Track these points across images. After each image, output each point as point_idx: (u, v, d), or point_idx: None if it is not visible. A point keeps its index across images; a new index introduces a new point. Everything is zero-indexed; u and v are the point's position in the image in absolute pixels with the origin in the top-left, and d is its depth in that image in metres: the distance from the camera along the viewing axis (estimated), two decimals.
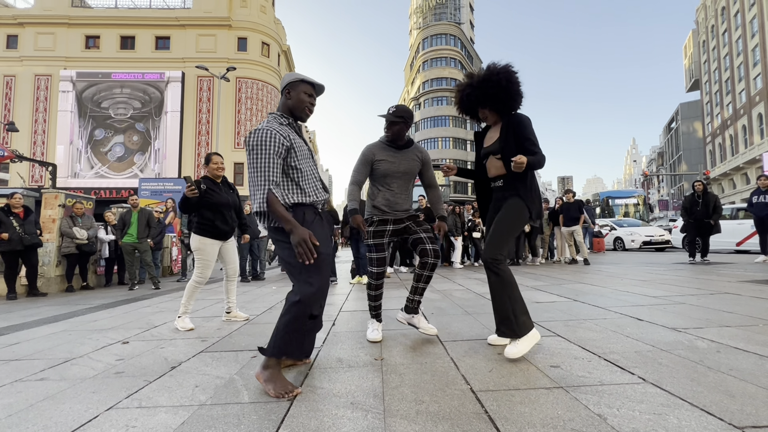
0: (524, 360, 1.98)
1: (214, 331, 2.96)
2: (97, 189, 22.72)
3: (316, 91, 1.93)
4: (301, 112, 1.88)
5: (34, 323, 3.59)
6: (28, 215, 5.91)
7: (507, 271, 2.09)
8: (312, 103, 1.91)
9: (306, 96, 1.88)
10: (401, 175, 2.45)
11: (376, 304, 2.57)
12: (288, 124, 1.86)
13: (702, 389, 1.52)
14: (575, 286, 4.68)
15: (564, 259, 8.99)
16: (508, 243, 2.13)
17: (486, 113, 2.30)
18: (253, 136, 1.71)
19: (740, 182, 36.13)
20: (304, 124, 2.06)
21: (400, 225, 2.49)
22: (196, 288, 3.16)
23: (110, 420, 1.47)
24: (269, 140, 1.70)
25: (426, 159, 2.54)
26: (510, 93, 2.18)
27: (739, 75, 36.59)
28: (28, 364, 2.26)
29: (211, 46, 25.05)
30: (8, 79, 24.34)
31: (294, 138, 1.81)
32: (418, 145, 2.56)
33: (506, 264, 2.12)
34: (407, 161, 2.45)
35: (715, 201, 7.35)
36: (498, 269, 2.07)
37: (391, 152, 2.45)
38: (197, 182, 3.16)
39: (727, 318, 2.72)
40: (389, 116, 2.38)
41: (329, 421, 1.39)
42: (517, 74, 2.20)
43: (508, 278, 2.07)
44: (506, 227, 2.13)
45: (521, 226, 2.17)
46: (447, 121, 46.73)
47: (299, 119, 1.91)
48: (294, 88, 1.86)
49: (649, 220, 24.17)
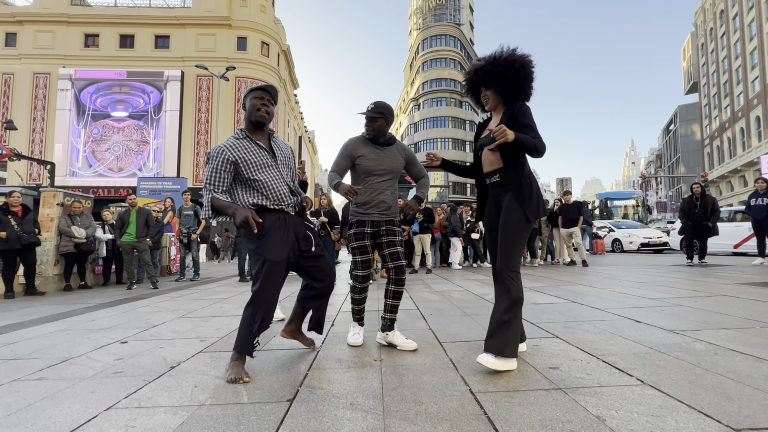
0: (523, 361, 1.99)
1: (213, 331, 2.95)
2: (96, 188, 22.67)
3: (268, 93, 2.07)
4: (255, 117, 2.04)
5: (32, 322, 3.58)
6: (26, 214, 5.89)
7: (520, 288, 1.96)
8: (263, 103, 2.04)
9: (256, 100, 2.04)
10: (384, 172, 2.37)
11: (359, 308, 2.50)
12: (245, 137, 2.04)
13: (700, 391, 1.53)
14: (574, 288, 4.69)
15: (562, 261, 9.01)
16: (520, 251, 2.00)
17: (488, 95, 2.14)
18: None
19: (738, 185, 36.28)
20: (273, 130, 2.23)
21: (375, 228, 2.40)
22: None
23: (109, 420, 1.47)
24: (216, 156, 1.96)
25: (410, 156, 2.48)
26: (519, 78, 2.05)
27: (737, 78, 36.76)
28: (26, 364, 2.25)
29: (211, 46, 25.04)
30: (6, 77, 24.28)
31: (248, 150, 2.00)
32: (400, 142, 2.50)
33: (520, 278, 1.99)
34: (390, 159, 2.38)
35: (713, 203, 7.38)
36: (512, 283, 1.93)
37: (374, 148, 2.38)
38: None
39: (724, 320, 2.73)
40: (369, 113, 2.33)
41: (329, 421, 1.40)
42: (533, 67, 2.09)
43: (519, 296, 1.94)
44: (511, 236, 1.99)
45: (526, 229, 2.01)
46: (446, 122, 46.78)
47: (257, 125, 2.06)
48: (246, 99, 2.08)
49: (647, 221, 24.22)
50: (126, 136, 23.90)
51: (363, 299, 2.49)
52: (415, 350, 2.29)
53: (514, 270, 1.96)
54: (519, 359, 2.02)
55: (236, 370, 1.86)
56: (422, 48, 49.89)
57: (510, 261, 1.97)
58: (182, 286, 6.62)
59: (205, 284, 6.76)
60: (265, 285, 1.93)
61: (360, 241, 2.39)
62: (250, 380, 1.82)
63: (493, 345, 1.87)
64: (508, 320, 1.88)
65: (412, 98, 50.50)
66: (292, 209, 2.11)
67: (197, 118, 24.38)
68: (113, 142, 23.83)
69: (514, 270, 1.96)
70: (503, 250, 2.00)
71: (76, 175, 23.40)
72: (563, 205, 8.71)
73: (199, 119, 24.40)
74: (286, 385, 1.78)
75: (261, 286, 1.93)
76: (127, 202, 6.88)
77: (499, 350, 1.84)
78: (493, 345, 1.87)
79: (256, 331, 1.93)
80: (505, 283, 1.95)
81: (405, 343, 2.31)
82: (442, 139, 46.51)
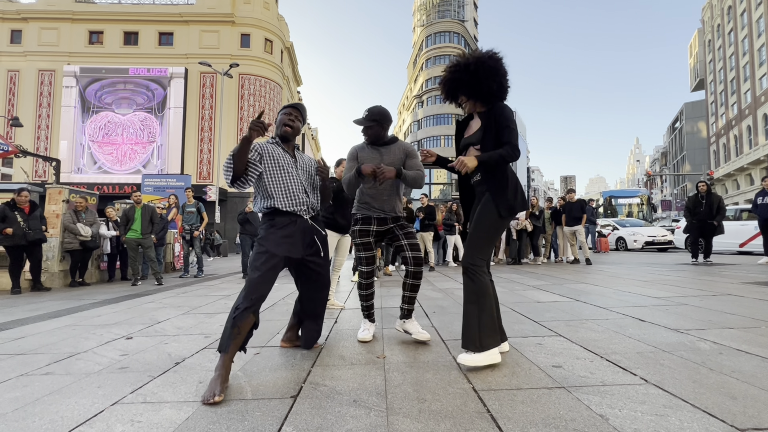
0: (526, 360, 1.99)
1: (216, 328, 2.97)
2: (101, 185, 22.78)
3: (297, 110, 2.28)
4: (280, 131, 2.25)
5: (39, 318, 3.62)
6: (33, 210, 5.94)
7: (484, 280, 1.94)
8: (291, 119, 2.24)
9: (284, 116, 2.25)
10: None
11: (367, 304, 2.55)
12: (275, 143, 2.25)
13: (704, 391, 1.53)
14: (577, 286, 4.67)
15: (566, 259, 8.98)
16: (487, 246, 2.00)
17: (463, 100, 2.16)
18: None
19: (744, 183, 35.95)
20: (298, 145, 2.32)
21: (384, 226, 2.45)
22: (334, 273, 3.90)
23: (115, 415, 1.49)
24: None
25: (409, 151, 2.49)
26: (479, 77, 2.01)
27: (744, 75, 36.36)
28: (33, 359, 2.28)
29: (214, 42, 25.03)
30: (12, 74, 24.40)
31: (275, 151, 2.19)
32: (403, 141, 2.54)
33: (487, 273, 1.98)
34: (391, 156, 2.42)
35: (719, 202, 7.33)
36: (474, 275, 1.94)
37: (375, 149, 2.45)
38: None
39: (729, 320, 2.72)
40: (362, 121, 2.39)
41: (332, 418, 1.40)
42: (497, 61, 2.03)
43: (483, 288, 1.93)
44: (480, 231, 1.99)
45: (497, 227, 1.99)
46: (450, 119, 46.57)
47: (282, 138, 2.26)
48: (278, 115, 2.30)
49: (652, 220, 24.07)
50: (130, 132, 23.98)
51: (369, 295, 2.52)
52: (428, 341, 2.36)
53: (477, 264, 1.96)
54: (523, 357, 2.02)
55: (210, 386, 1.63)
56: (426, 45, 49.64)
57: (474, 255, 1.98)
58: (186, 282, 6.66)
59: (209, 281, 6.80)
60: (258, 271, 1.95)
61: (364, 238, 2.44)
62: (222, 398, 1.57)
63: (467, 341, 1.90)
64: (476, 313, 1.90)
65: (416, 95, 50.32)
66: (306, 213, 2.22)
67: (201, 115, 24.43)
68: (117, 138, 23.92)
69: (477, 264, 1.96)
70: (470, 243, 2.02)
71: (81, 171, 23.54)
72: (567, 203, 8.66)
73: (202, 116, 24.44)
74: (289, 381, 1.79)
75: (254, 270, 1.96)
76: (132, 198, 6.92)
77: (475, 344, 1.86)
78: (467, 341, 1.90)
79: (237, 317, 1.81)
80: (469, 276, 1.96)
81: (419, 332, 2.38)
82: (446, 137, 46.33)
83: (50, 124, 24.04)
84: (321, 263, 2.25)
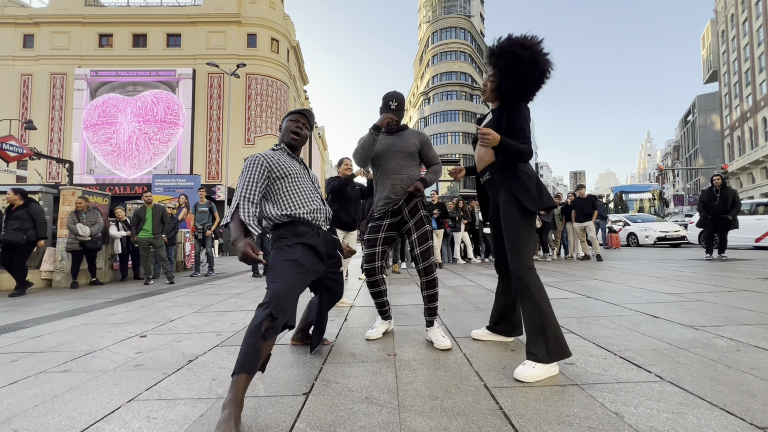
0: None
1: (228, 326, 3.01)
2: (112, 185, 23.16)
3: (304, 116, 2.15)
4: (287, 139, 2.11)
5: (55, 317, 3.69)
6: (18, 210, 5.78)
7: (538, 283, 1.83)
8: (298, 126, 2.12)
9: (291, 123, 2.12)
10: (397, 152, 2.40)
11: (378, 302, 2.51)
12: (282, 150, 2.10)
13: (722, 388, 1.50)
14: (588, 283, 4.62)
15: (576, 255, 8.88)
16: (526, 247, 1.88)
17: (486, 85, 2.05)
18: (246, 160, 1.97)
19: (760, 176, 35.13)
20: (302, 159, 2.18)
21: (396, 217, 2.42)
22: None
23: (132, 411, 1.52)
24: (250, 164, 1.91)
25: (424, 140, 2.48)
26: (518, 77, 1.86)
27: (759, 65, 35.44)
28: (51, 356, 2.33)
29: (221, 43, 25.20)
30: (25, 78, 24.87)
31: (284, 160, 2.02)
32: (414, 129, 2.54)
33: (536, 274, 1.87)
34: (402, 140, 2.42)
35: (734, 196, 7.18)
36: (530, 282, 1.81)
37: (385, 135, 2.48)
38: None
39: (746, 316, 2.66)
40: (396, 112, 2.39)
41: (345, 415, 1.41)
42: (543, 55, 1.86)
43: (539, 293, 1.80)
44: (512, 235, 1.88)
45: (526, 224, 1.89)
46: (457, 116, 46.30)
47: (290, 147, 2.12)
48: (284, 121, 2.16)
49: (664, 215, 23.67)
50: (140, 133, 24.29)
51: (376, 294, 2.48)
52: (448, 349, 2.19)
53: (528, 267, 1.84)
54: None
55: (226, 425, 1.28)
56: (432, 41, 49.35)
57: (521, 259, 1.85)
58: (197, 281, 6.74)
59: (220, 279, 6.87)
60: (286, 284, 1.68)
61: (372, 234, 2.44)
62: None
63: (535, 352, 1.72)
64: (542, 324, 1.74)
65: (422, 92, 50.09)
66: (323, 223, 2.08)
67: (209, 116, 24.63)
68: (127, 138, 24.25)
69: (528, 267, 1.84)
70: (511, 249, 1.88)
71: (93, 173, 23.93)
72: (577, 198, 8.57)
73: (210, 117, 24.65)
74: (301, 378, 1.80)
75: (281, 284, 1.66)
76: (143, 199, 7.01)
77: (543, 356, 1.71)
78: (535, 352, 1.72)
79: (264, 332, 1.50)
80: (524, 284, 1.82)
81: (439, 340, 2.24)
82: (453, 133, 46.09)
83: (63, 127, 24.46)
84: (339, 274, 2.20)
